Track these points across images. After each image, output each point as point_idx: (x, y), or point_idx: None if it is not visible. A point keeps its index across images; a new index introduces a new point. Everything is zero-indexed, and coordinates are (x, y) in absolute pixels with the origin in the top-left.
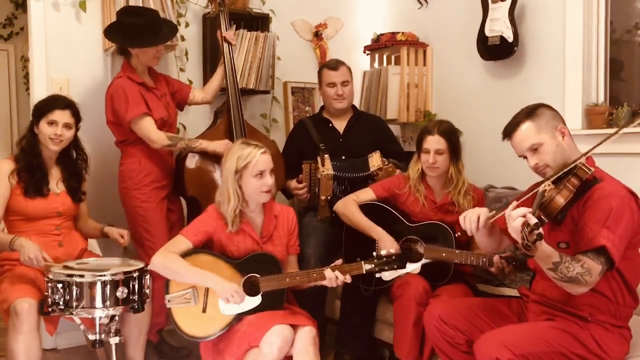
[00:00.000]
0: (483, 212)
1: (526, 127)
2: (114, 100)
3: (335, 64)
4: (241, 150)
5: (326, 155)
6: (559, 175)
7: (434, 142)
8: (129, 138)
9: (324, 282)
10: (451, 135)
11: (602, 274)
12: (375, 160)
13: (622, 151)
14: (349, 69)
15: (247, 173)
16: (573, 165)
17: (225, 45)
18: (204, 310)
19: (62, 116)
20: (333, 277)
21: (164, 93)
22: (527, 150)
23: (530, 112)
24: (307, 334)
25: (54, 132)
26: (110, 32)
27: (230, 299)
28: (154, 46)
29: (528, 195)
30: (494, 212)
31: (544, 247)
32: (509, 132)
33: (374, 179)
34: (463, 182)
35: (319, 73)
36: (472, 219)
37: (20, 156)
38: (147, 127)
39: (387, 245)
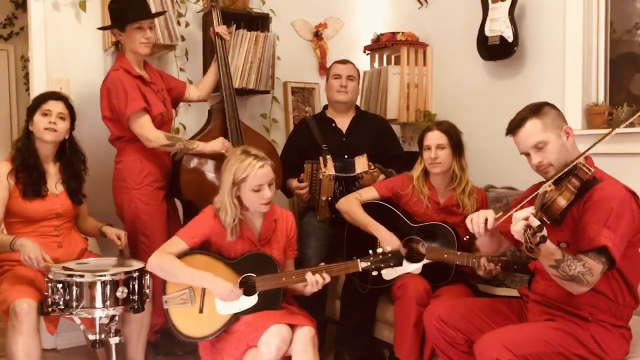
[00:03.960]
0: (490, 214)
1: (533, 124)
2: (111, 95)
3: (345, 60)
4: (239, 162)
5: (328, 156)
6: (559, 175)
7: (434, 137)
8: (127, 135)
9: (307, 289)
10: (451, 131)
11: (602, 273)
12: (361, 163)
13: (622, 151)
14: (357, 70)
15: (245, 186)
16: (573, 165)
17: (218, 40)
18: (200, 311)
19: (55, 106)
20: (313, 281)
21: (160, 88)
22: (532, 147)
23: (536, 110)
24: (305, 334)
25: (48, 121)
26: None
27: (226, 298)
28: (136, 22)
29: (529, 198)
30: (500, 213)
31: (547, 245)
32: (513, 127)
33: (359, 181)
34: (467, 181)
35: (329, 68)
36: (479, 221)
37: (16, 155)
38: (145, 125)
39: (389, 243)
